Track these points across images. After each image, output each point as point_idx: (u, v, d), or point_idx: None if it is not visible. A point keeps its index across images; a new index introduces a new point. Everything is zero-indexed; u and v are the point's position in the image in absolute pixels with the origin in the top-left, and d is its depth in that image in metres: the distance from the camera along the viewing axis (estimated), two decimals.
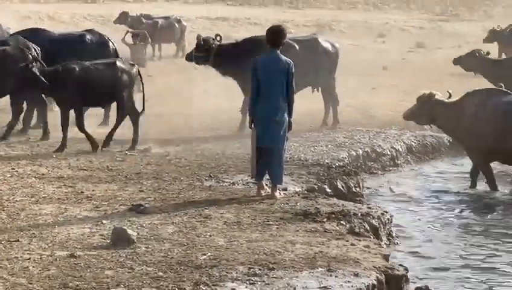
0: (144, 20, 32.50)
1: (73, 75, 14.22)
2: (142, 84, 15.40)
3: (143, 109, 15.08)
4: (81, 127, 14.19)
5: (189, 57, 18.27)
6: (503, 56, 25.36)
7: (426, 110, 14.80)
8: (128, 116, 14.85)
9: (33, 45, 15.56)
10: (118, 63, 14.70)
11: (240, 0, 53.45)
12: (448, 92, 14.92)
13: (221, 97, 20.82)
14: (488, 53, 21.56)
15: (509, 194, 14.56)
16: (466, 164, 16.04)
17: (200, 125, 17.78)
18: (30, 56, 14.76)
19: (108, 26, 37.06)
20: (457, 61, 22.24)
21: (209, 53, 17.23)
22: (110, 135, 14.53)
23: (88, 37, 16.96)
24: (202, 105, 20.38)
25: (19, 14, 39.16)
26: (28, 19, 37.78)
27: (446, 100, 14.73)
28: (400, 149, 16.93)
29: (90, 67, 14.47)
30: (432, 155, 17.40)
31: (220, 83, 19.92)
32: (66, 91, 14.10)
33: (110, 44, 17.02)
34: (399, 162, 16.74)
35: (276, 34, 11.68)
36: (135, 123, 14.69)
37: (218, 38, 17.44)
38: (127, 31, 26.86)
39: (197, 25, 38.31)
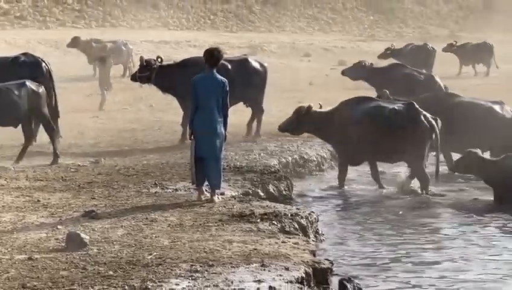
0: (93, 44, 32.20)
1: None
2: (55, 101, 14.93)
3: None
4: None
5: (133, 77, 18.11)
6: None
7: (304, 121, 14.86)
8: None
9: None
10: (27, 84, 14.16)
11: (180, 25, 53.38)
12: (319, 103, 15.11)
13: (165, 112, 20.80)
14: (371, 64, 21.89)
15: (415, 194, 14.72)
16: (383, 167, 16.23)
17: (146, 138, 17.67)
18: None
19: (61, 50, 36.82)
20: (344, 72, 22.50)
21: (151, 73, 17.15)
22: (21, 153, 14.22)
23: (22, 59, 16.47)
24: (148, 119, 20.33)
25: None
26: None
27: (321, 110, 14.91)
28: (325, 156, 16.96)
29: (1, 89, 13.99)
30: None
31: (163, 99, 19.88)
32: None
33: (44, 65, 16.43)
34: (324, 167, 16.77)
35: (212, 55, 11.69)
36: (53, 139, 14.38)
37: (159, 59, 17.32)
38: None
39: (141, 47, 38.00)
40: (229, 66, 16.40)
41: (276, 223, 10.35)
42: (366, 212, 13.66)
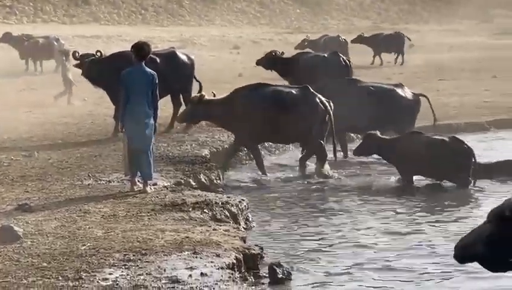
0: (25, 39, 31.75)
1: None
2: None
3: None
4: None
5: None
6: None
7: (199, 110, 15.06)
8: None
9: None
10: None
11: (111, 20, 53.05)
12: (212, 92, 15.36)
13: (97, 105, 20.63)
14: (282, 53, 21.90)
15: (334, 178, 14.92)
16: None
17: (79, 131, 17.50)
18: None
19: None
20: (258, 62, 22.49)
21: (81, 67, 16.98)
22: None
23: None
24: (80, 113, 20.13)
25: None
26: None
27: (215, 98, 15.17)
28: None
29: None
30: (282, 149, 17.66)
31: (95, 93, 19.76)
32: None
33: None
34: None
35: (140, 49, 11.70)
36: None
37: (98, 54, 17.09)
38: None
39: (74, 43, 37.52)
40: (157, 60, 16.34)
41: (207, 211, 10.42)
42: (292, 198, 13.80)
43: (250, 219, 11.30)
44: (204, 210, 10.46)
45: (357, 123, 16.03)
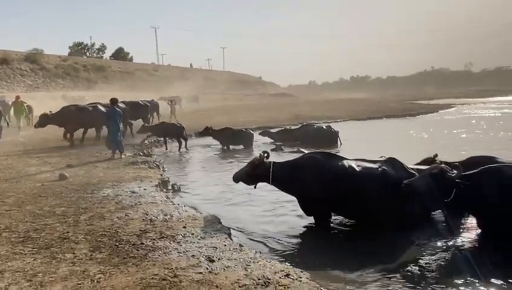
0: None
1: None
2: None
3: None
4: None
5: None
6: None
7: None
8: None
9: None
10: None
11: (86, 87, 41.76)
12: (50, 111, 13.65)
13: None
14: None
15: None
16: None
17: (89, 137, 15.35)
18: None
19: None
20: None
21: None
22: None
23: None
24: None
25: None
26: None
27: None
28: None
29: None
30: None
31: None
32: None
33: None
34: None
35: (115, 101, 11.66)
36: None
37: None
38: None
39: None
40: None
41: (147, 164, 10.76)
42: (180, 156, 13.57)
43: (164, 167, 11.29)
44: (146, 164, 10.73)
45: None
